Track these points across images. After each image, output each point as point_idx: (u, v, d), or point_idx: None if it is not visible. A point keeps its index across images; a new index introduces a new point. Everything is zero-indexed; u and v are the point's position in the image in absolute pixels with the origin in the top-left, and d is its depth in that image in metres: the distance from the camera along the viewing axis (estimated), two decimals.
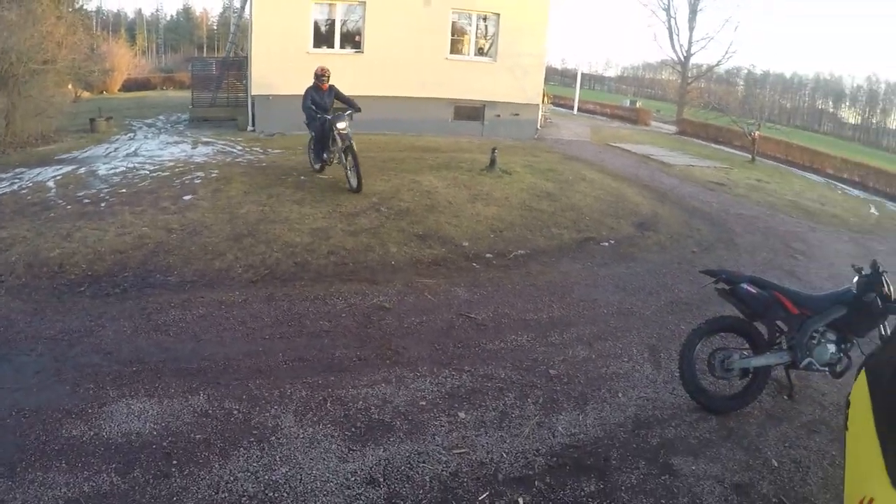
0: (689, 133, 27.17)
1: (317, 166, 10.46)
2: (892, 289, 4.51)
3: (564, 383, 4.82)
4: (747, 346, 4.73)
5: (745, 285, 4.67)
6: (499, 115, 17.97)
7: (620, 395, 4.72)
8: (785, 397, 4.95)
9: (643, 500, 3.58)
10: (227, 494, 3.34)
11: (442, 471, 3.68)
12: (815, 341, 4.56)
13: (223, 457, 3.64)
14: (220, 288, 6.16)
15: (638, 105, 38.92)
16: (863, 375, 2.12)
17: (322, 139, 9.91)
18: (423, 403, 4.37)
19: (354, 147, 9.25)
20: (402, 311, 5.89)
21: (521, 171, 12.08)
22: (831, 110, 70.44)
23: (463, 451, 3.86)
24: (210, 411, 4.09)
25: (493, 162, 11.71)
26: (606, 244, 8.52)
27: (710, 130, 25.90)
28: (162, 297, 5.86)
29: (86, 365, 4.57)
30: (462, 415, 4.24)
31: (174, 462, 3.55)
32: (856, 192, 17.64)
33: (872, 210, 14.82)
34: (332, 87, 10.02)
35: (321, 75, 9.87)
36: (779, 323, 4.67)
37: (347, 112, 9.71)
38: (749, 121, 21.81)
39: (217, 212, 8.20)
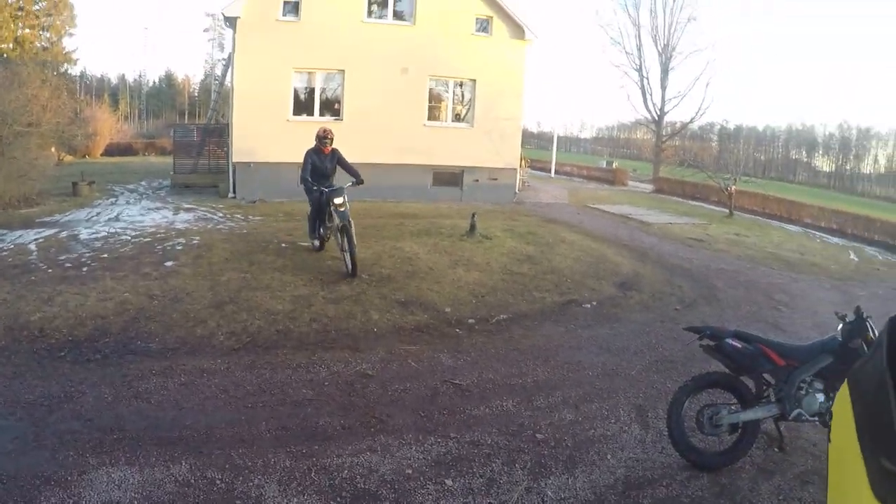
0: (665, 191, 27.61)
1: (315, 243, 9.81)
2: (876, 334, 4.53)
3: (552, 447, 4.75)
4: (735, 400, 4.70)
5: (730, 340, 4.66)
6: (477, 180, 18.24)
7: (609, 456, 4.66)
8: (776, 449, 4.90)
9: None
10: None
11: None
12: (803, 391, 4.54)
13: None
14: (202, 355, 6.06)
15: (614, 165, 39.63)
16: (845, 387, 2.10)
17: (319, 213, 9.22)
18: (410, 472, 4.27)
19: (352, 228, 8.40)
20: (386, 378, 5.81)
21: (501, 235, 12.17)
22: (805, 160, 71.69)
23: None
24: (192, 481, 3.97)
25: (472, 227, 11.76)
26: (589, 306, 8.53)
27: (687, 187, 26.22)
28: (143, 363, 5.76)
29: (65, 431, 4.44)
30: (449, 482, 4.15)
31: None
32: (835, 239, 17.84)
33: (852, 256, 15.02)
34: (335, 150, 9.31)
35: (323, 137, 9.11)
36: (766, 376, 4.67)
37: (347, 184, 9.04)
38: (725, 175, 22.19)
39: (198, 278, 8.16)
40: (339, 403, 5.25)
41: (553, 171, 32.83)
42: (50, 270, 8.15)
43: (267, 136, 15.59)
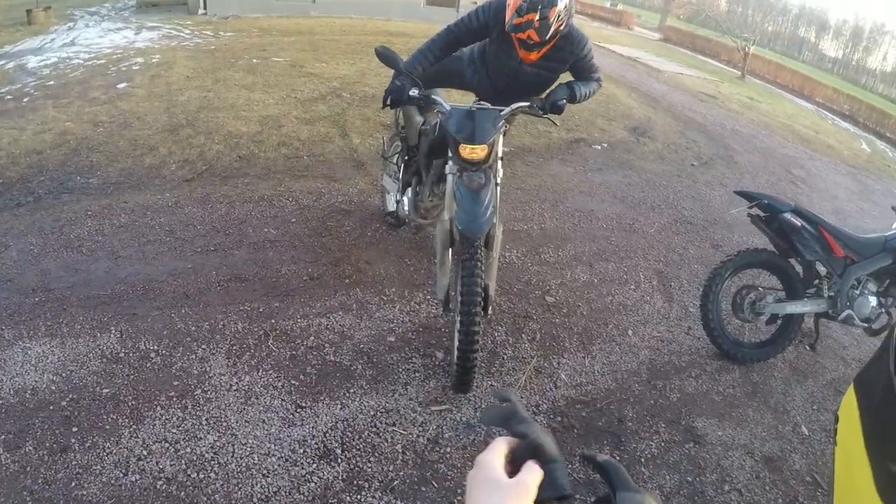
0: (673, 41, 26.54)
1: (391, 207, 4.50)
2: None
3: (564, 314, 3.92)
4: (782, 287, 3.93)
5: (788, 215, 3.75)
6: (475, 2, 16.52)
7: (631, 332, 3.89)
8: (807, 347, 4.22)
9: (666, 476, 2.78)
10: (138, 476, 2.40)
11: (418, 437, 2.75)
12: (857, 291, 3.76)
13: (135, 421, 2.66)
14: (149, 189, 4.97)
15: (619, 6, 37.55)
16: (851, 391, 2.07)
17: (412, 151, 4.16)
18: (392, 339, 3.39)
19: (496, 246, 3.26)
20: (366, 215, 4.81)
21: None
22: (813, 40, 69.45)
23: (444, 407, 2.93)
24: (122, 355, 3.05)
25: None
26: (599, 147, 7.58)
27: (697, 41, 25.37)
28: (80, 203, 4.65)
29: None
30: (440, 355, 3.31)
31: (74, 429, 2.59)
32: (845, 124, 17.26)
33: (864, 146, 14.38)
34: (567, 39, 3.43)
35: (537, 17, 3.05)
36: (818, 265, 3.83)
37: (518, 104, 3.39)
38: (744, 35, 20.99)
39: (153, 100, 6.93)
40: (308, 247, 4.27)
41: None
42: None
43: None
